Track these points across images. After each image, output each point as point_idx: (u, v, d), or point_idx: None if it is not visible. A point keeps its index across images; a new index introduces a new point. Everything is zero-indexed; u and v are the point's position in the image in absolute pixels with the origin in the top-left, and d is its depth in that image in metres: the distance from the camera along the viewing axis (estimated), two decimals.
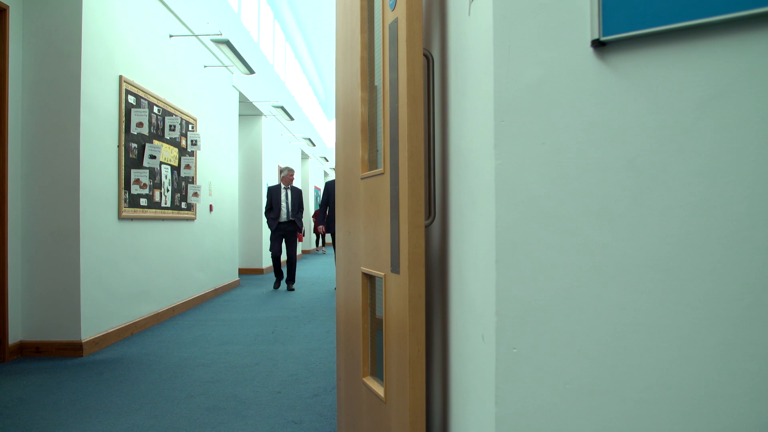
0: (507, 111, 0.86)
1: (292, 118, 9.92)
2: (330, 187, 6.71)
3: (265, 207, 7.03)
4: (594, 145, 0.82)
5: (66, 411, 2.62)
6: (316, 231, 7.49)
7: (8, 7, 3.50)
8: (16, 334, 3.57)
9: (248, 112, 9.09)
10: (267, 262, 9.81)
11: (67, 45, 3.67)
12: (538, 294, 0.85)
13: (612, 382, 0.81)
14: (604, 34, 0.79)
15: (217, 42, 5.47)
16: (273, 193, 7.01)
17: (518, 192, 0.86)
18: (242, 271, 9.35)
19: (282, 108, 9.02)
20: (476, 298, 0.99)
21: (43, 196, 3.64)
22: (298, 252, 13.93)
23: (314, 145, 14.09)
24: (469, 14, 1.03)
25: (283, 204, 6.97)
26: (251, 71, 6.32)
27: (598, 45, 0.80)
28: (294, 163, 13.19)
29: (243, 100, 8.30)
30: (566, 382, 0.83)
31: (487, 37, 0.89)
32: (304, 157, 15.91)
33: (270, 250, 7.04)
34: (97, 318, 3.88)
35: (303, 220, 8.00)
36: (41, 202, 3.64)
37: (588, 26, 0.81)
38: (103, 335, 3.92)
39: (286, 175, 7.05)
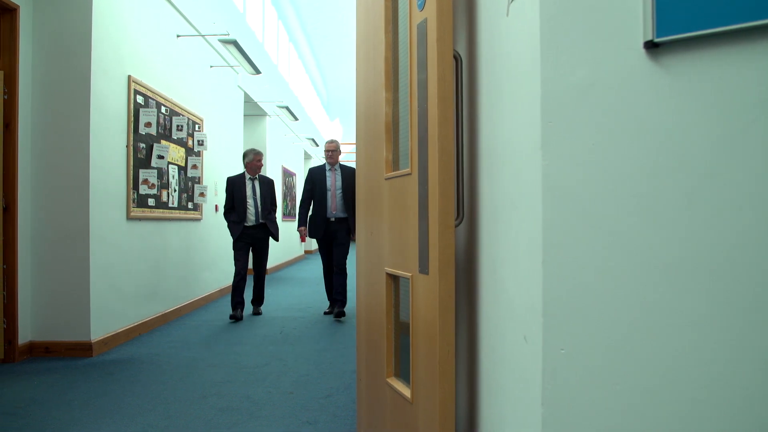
0: (554, 112, 0.86)
1: (296, 119, 9.92)
2: (316, 174, 5.09)
3: (225, 205, 5.05)
4: (645, 146, 0.82)
5: (80, 411, 2.61)
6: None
7: (18, 6, 3.49)
8: (25, 334, 3.57)
9: (252, 112, 9.09)
10: (270, 261, 9.75)
11: (77, 44, 3.67)
12: (585, 295, 0.85)
13: (663, 382, 0.81)
14: (658, 36, 0.79)
15: (225, 42, 5.47)
16: (234, 186, 5.02)
17: (565, 193, 0.86)
18: None
19: (287, 108, 9.02)
20: (516, 298, 0.99)
21: (52, 196, 3.64)
22: (300, 252, 13.76)
23: (317, 145, 14.09)
24: (507, 15, 1.03)
25: (250, 201, 5.01)
26: (258, 71, 6.32)
27: (651, 46, 0.80)
28: (297, 164, 13.18)
29: (248, 101, 8.30)
30: (615, 383, 0.83)
31: (532, 38, 0.89)
32: (307, 157, 15.92)
33: (235, 266, 5.03)
34: (106, 318, 3.87)
35: (278, 221, 5.86)
36: (51, 202, 3.64)
37: (640, 27, 0.81)
38: (112, 335, 3.91)
39: (251, 160, 5.06)
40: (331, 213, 5.02)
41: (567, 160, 0.86)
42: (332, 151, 5.13)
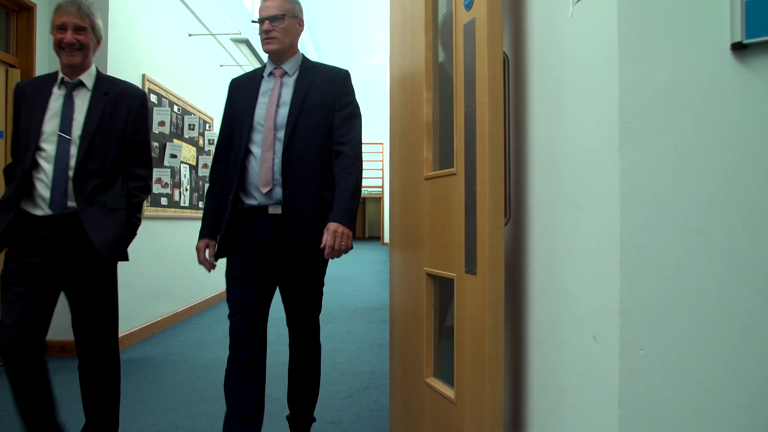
0: (634, 113, 0.86)
1: None
2: (237, 88, 2.07)
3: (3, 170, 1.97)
4: (731, 147, 0.83)
5: None
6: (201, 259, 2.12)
7: (35, 5, 3.48)
8: None
9: None
10: None
11: None
12: (665, 295, 0.85)
13: (749, 383, 0.81)
14: (748, 37, 0.79)
15: (237, 41, 5.46)
16: (22, 104, 1.82)
17: (645, 194, 0.86)
18: None
19: None
20: (582, 299, 0.99)
21: None
22: None
23: None
24: (571, 16, 1.03)
25: (47, 146, 1.77)
26: None
27: (738, 48, 0.80)
28: None
29: None
30: (699, 383, 0.83)
31: (608, 39, 0.89)
32: None
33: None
34: (120, 318, 3.84)
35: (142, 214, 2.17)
36: None
37: (725, 28, 0.82)
38: (126, 335, 3.90)
39: (54, 27, 1.78)
40: (256, 192, 1.96)
41: (647, 161, 0.86)
42: (270, 19, 1.88)
